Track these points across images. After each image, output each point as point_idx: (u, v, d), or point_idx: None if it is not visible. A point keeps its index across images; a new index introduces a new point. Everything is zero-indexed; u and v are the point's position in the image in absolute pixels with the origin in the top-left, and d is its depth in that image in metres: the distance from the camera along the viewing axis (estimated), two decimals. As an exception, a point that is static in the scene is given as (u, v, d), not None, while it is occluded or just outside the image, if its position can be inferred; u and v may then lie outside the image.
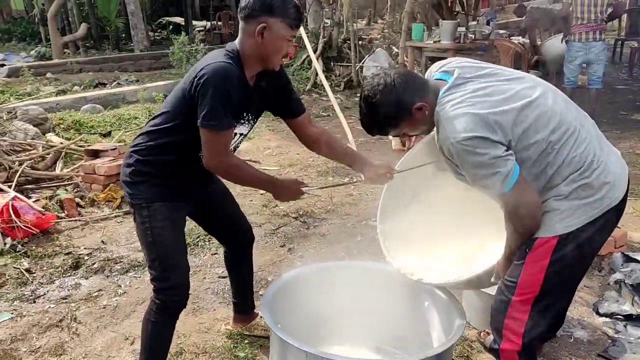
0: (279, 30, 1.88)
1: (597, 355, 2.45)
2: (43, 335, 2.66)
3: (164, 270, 2.03)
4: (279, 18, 1.87)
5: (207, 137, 1.88)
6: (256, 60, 1.95)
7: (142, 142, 2.04)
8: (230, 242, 2.46)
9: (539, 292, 1.78)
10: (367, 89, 1.81)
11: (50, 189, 4.46)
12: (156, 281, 2.05)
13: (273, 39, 1.89)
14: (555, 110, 1.72)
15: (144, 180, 2.03)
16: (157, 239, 2.01)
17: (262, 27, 1.87)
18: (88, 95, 7.75)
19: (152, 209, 2.01)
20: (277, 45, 1.91)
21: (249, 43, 1.92)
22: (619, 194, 1.75)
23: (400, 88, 1.76)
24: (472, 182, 1.74)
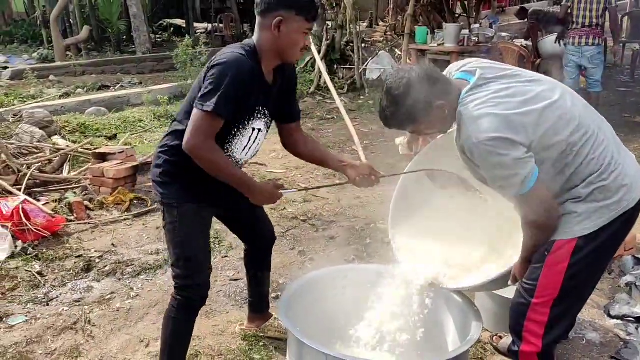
0: (295, 23, 1.90)
1: (610, 358, 2.48)
2: (58, 338, 2.67)
3: (189, 270, 2.08)
4: (294, 11, 1.89)
5: (195, 116, 1.86)
6: (274, 54, 1.97)
7: (168, 143, 2.07)
8: (253, 242, 2.49)
9: (558, 295, 1.80)
10: (390, 81, 1.82)
11: (59, 192, 4.47)
12: (180, 279, 2.10)
13: (289, 31, 1.90)
14: (574, 112, 1.74)
15: (174, 181, 2.06)
16: (185, 239, 2.06)
17: (278, 21, 1.89)
18: (93, 98, 7.78)
19: (183, 210, 2.05)
20: (293, 38, 1.93)
21: (266, 37, 1.94)
22: (636, 196, 1.77)
23: (423, 84, 1.77)
24: (491, 182, 1.76)
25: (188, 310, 2.14)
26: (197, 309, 2.17)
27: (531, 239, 1.81)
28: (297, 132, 2.28)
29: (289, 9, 1.88)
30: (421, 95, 1.77)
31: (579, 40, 6.07)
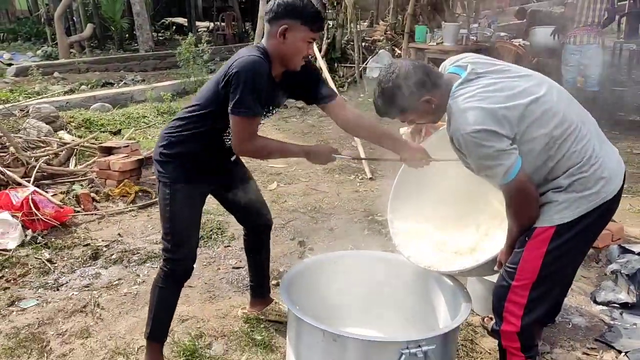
0: (300, 32, 2.05)
1: (594, 340, 2.60)
2: (68, 320, 2.80)
3: (175, 244, 2.24)
4: (299, 20, 2.04)
5: (236, 123, 2.04)
6: (279, 61, 2.12)
7: (175, 126, 2.23)
8: (250, 225, 2.63)
9: (537, 278, 1.91)
10: (382, 75, 1.96)
11: (65, 185, 4.60)
12: (167, 252, 2.26)
13: (294, 40, 2.06)
14: (559, 107, 1.85)
15: (171, 160, 2.21)
16: (174, 215, 2.21)
17: (283, 29, 2.04)
18: (97, 94, 7.90)
19: (174, 188, 2.20)
20: (297, 46, 2.08)
21: (272, 43, 2.09)
22: (614, 189, 1.88)
23: (412, 79, 1.90)
24: (477, 171, 1.88)
25: (173, 281, 2.30)
26: (181, 280, 2.32)
27: (514, 226, 1.93)
28: (343, 110, 2.31)
29: (294, 19, 2.04)
30: (409, 88, 1.90)
31: (580, 38, 6.11)
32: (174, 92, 8.05)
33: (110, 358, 2.50)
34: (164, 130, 2.29)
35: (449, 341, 2.08)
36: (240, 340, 2.60)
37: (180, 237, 2.25)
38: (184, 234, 2.26)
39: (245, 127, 2.06)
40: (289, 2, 2.03)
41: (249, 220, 2.61)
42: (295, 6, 2.03)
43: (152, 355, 2.34)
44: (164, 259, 2.29)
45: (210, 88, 2.16)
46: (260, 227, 2.63)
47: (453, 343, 2.17)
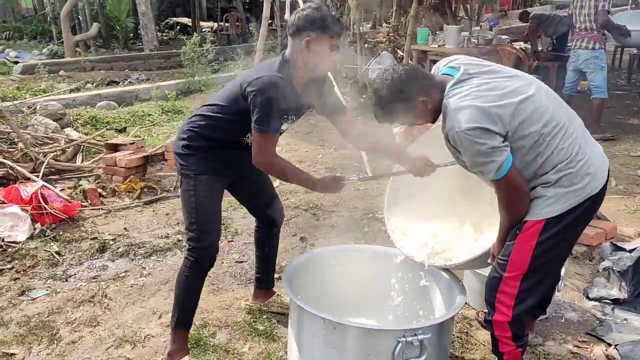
0: (322, 42, 2.18)
1: (586, 334, 2.68)
2: (77, 309, 2.90)
3: (201, 233, 2.34)
4: (319, 30, 2.17)
5: (257, 138, 2.20)
6: (305, 70, 2.25)
7: (197, 122, 2.35)
8: (263, 218, 2.73)
9: (527, 270, 2.01)
10: (376, 82, 2.06)
11: (72, 180, 4.70)
12: (192, 241, 2.36)
13: (318, 49, 2.19)
14: (548, 106, 1.94)
15: (194, 153, 2.34)
16: (199, 205, 2.32)
17: (307, 41, 2.18)
18: (103, 92, 8.01)
19: (199, 180, 2.32)
20: (321, 55, 2.21)
21: (297, 56, 2.23)
22: (599, 184, 1.98)
23: (405, 84, 1.99)
24: (471, 167, 1.97)
25: (198, 269, 2.39)
26: (207, 268, 2.42)
27: (506, 220, 2.02)
28: (350, 124, 2.50)
29: (315, 29, 2.17)
30: (403, 93, 2.00)
31: (574, 43, 6.14)
32: (179, 91, 8.15)
33: (118, 345, 2.59)
34: (184, 125, 2.40)
35: (444, 331, 2.17)
36: (243, 330, 2.70)
37: (206, 226, 2.35)
38: (209, 223, 2.37)
39: (264, 144, 2.21)
40: (308, 15, 2.18)
41: (262, 212, 2.72)
42: (315, 17, 2.17)
43: (178, 344, 2.42)
44: (189, 248, 2.38)
45: (233, 92, 2.28)
46: (272, 219, 2.73)
47: (448, 333, 2.26)
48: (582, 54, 6.06)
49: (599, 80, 6.08)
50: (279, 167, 2.29)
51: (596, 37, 5.95)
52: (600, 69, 6.05)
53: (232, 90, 2.30)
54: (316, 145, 6.14)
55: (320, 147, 6.06)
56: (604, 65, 6.08)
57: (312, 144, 6.22)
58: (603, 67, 6.07)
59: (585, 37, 5.99)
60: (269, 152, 2.24)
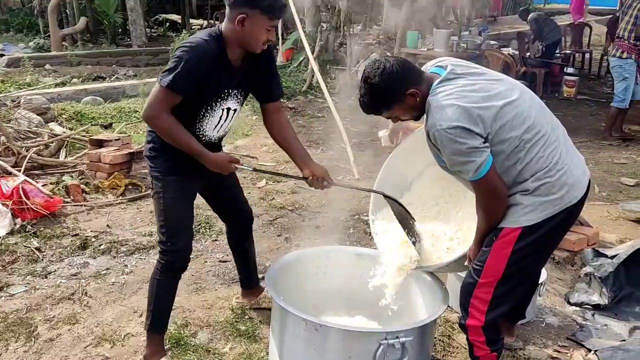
0: (257, 21, 2.08)
1: (566, 339, 2.70)
2: (56, 307, 2.85)
3: (171, 236, 2.29)
4: (258, 9, 2.06)
5: (154, 90, 2.11)
6: (237, 44, 2.16)
7: None
8: (232, 221, 2.70)
9: (501, 277, 2.01)
10: (367, 71, 2.02)
11: (55, 175, 4.64)
12: (163, 244, 2.32)
13: (252, 28, 2.09)
14: (530, 112, 1.95)
15: (159, 155, 2.28)
16: (167, 207, 2.27)
17: (242, 18, 2.07)
18: (89, 87, 7.92)
19: (166, 181, 2.27)
20: (255, 34, 2.11)
21: (230, 28, 2.13)
22: (578, 195, 1.98)
23: (396, 73, 1.97)
24: (450, 166, 1.97)
25: (170, 272, 2.35)
26: (178, 271, 2.38)
27: (483, 222, 2.03)
28: (275, 114, 2.45)
29: (253, 7, 2.06)
30: (395, 83, 1.97)
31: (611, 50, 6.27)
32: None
33: (97, 344, 2.56)
34: (149, 127, 2.33)
35: (425, 334, 2.17)
36: (225, 330, 2.67)
37: (175, 229, 2.30)
38: (178, 225, 2.31)
39: (160, 97, 2.08)
40: None
41: (232, 218, 2.69)
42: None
43: (153, 347, 2.39)
44: (161, 251, 2.34)
45: None
46: (242, 222, 2.70)
47: (430, 336, 2.26)
48: (611, 61, 6.19)
49: (620, 89, 6.15)
50: (165, 124, 2.11)
51: (626, 46, 5.99)
52: (623, 78, 6.10)
53: None
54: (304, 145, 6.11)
55: (307, 148, 6.03)
56: (627, 76, 6.09)
57: (301, 144, 6.19)
58: (626, 78, 6.09)
59: (617, 44, 6.12)
60: (158, 107, 2.08)
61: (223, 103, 2.25)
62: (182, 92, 2.09)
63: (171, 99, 2.09)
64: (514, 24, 16.12)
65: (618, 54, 6.06)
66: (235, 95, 2.29)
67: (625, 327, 2.76)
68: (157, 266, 2.36)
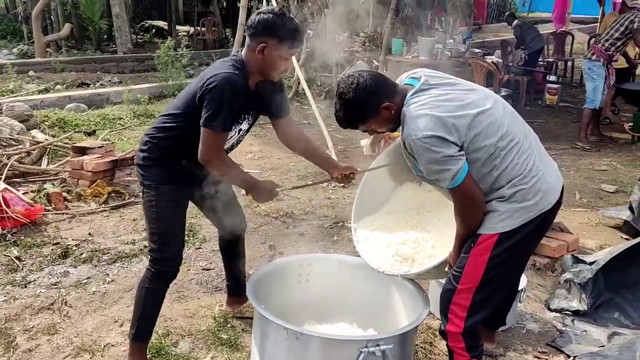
0: (277, 50, 2.15)
1: (546, 345, 2.73)
2: (36, 317, 2.82)
3: (162, 244, 2.30)
4: (277, 39, 2.13)
5: (206, 135, 2.14)
6: (257, 72, 2.23)
7: (156, 132, 2.31)
8: (226, 229, 2.70)
9: (480, 283, 2.04)
10: (342, 87, 2.05)
11: (37, 183, 4.59)
12: (154, 252, 2.32)
13: (272, 56, 2.16)
14: (503, 121, 1.98)
15: (154, 164, 2.29)
16: (160, 216, 2.28)
17: (262, 47, 2.14)
18: (72, 94, 7.85)
19: (160, 190, 2.28)
20: (275, 63, 2.18)
21: (251, 57, 2.19)
22: (552, 201, 2.02)
23: (370, 88, 2.00)
24: (427, 175, 2.00)
25: (160, 281, 2.36)
26: (168, 280, 2.39)
27: (461, 229, 2.05)
28: (290, 127, 2.54)
29: (272, 37, 2.13)
30: (369, 98, 2.01)
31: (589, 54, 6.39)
32: (151, 95, 8.05)
33: (76, 354, 2.53)
34: (144, 135, 2.36)
35: (406, 341, 2.18)
36: (206, 339, 2.66)
37: (166, 237, 2.31)
38: (170, 234, 2.32)
39: (214, 141, 2.16)
40: (268, 20, 2.12)
41: (225, 224, 2.68)
42: (275, 25, 2.12)
43: (135, 356, 2.38)
44: (151, 259, 2.34)
45: (188, 97, 2.24)
46: (235, 230, 2.71)
47: (411, 343, 2.27)
48: (583, 63, 6.40)
49: (589, 89, 6.34)
50: (224, 166, 2.23)
51: (597, 49, 6.18)
52: (591, 79, 6.30)
53: (188, 94, 2.25)
54: (289, 153, 6.10)
55: (293, 155, 6.02)
56: (595, 77, 6.27)
57: (286, 151, 6.18)
58: (594, 79, 6.28)
59: (591, 47, 6.35)
60: (216, 150, 2.18)
61: (238, 125, 2.31)
62: (229, 128, 2.20)
63: (224, 139, 2.21)
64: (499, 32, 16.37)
65: (589, 56, 6.30)
66: (248, 118, 2.36)
67: (604, 332, 2.80)
68: (147, 274, 2.36)
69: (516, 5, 19.47)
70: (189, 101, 2.21)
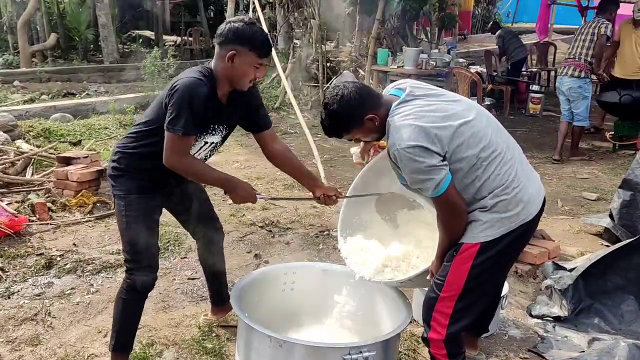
0: (247, 58, 2.15)
1: (528, 350, 2.77)
2: (19, 328, 2.80)
3: (135, 254, 2.30)
4: (247, 47, 2.14)
5: (169, 139, 2.14)
6: (226, 81, 2.22)
7: (126, 143, 2.32)
8: (202, 237, 2.71)
9: (462, 291, 2.07)
10: (327, 98, 2.10)
11: (21, 194, 4.56)
12: (128, 262, 2.34)
13: (241, 64, 2.16)
14: (487, 132, 2.03)
15: (123, 174, 2.30)
16: (130, 226, 2.28)
17: (232, 54, 2.14)
18: (58, 104, 7.83)
19: (129, 200, 2.28)
20: (244, 71, 2.18)
21: (221, 66, 2.19)
22: (533, 212, 2.06)
23: (354, 101, 2.05)
24: (411, 184, 2.03)
25: (136, 291, 2.35)
26: (145, 291, 2.37)
27: (444, 238, 2.09)
28: (272, 142, 2.52)
29: (242, 45, 2.13)
30: (353, 110, 2.05)
31: (561, 69, 6.23)
32: (137, 105, 8.03)
33: (60, 365, 2.52)
34: (116, 147, 2.37)
35: (389, 348, 2.21)
36: (191, 349, 2.66)
37: (138, 248, 2.30)
38: (141, 244, 2.31)
39: (176, 144, 2.13)
40: (238, 28, 2.13)
41: (201, 233, 2.70)
42: (245, 33, 2.12)
43: None
44: (126, 270, 2.35)
45: (156, 105, 2.26)
46: (213, 238, 2.71)
47: (394, 350, 2.29)
48: (566, 82, 6.11)
49: (582, 108, 6.14)
50: (191, 167, 2.20)
51: (583, 66, 5.99)
52: (583, 97, 6.11)
53: (157, 102, 2.26)
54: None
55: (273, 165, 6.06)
56: (587, 95, 6.13)
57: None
58: (586, 97, 6.13)
59: (573, 64, 6.06)
60: (180, 153, 2.15)
61: (206, 137, 2.30)
62: (195, 133, 2.17)
63: (188, 143, 2.17)
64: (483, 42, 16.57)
65: (576, 74, 6.04)
66: (220, 130, 2.35)
67: (584, 338, 2.84)
68: (123, 285, 2.36)
69: (500, 15, 19.74)
70: (158, 109, 2.22)
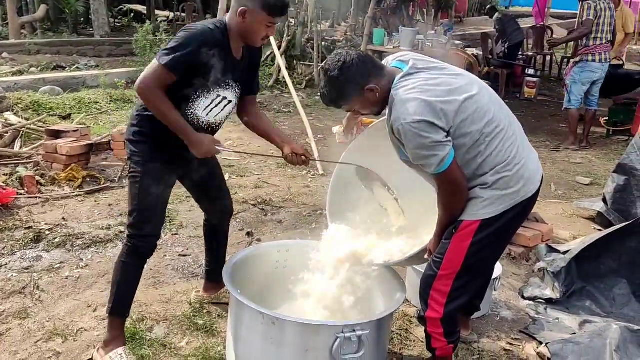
0: (258, 16, 2.13)
1: (519, 332, 2.77)
2: (7, 301, 2.76)
3: (140, 221, 2.28)
4: (259, 5, 2.11)
5: (152, 65, 2.11)
6: (238, 36, 2.21)
7: (143, 105, 2.24)
8: (212, 211, 2.68)
9: (461, 269, 2.06)
10: (328, 63, 2.04)
11: (9, 167, 4.48)
12: (131, 228, 2.31)
13: (252, 22, 2.14)
14: (490, 107, 1.99)
15: (144, 140, 2.26)
16: (142, 193, 2.25)
17: (243, 10, 2.13)
18: (47, 77, 7.69)
19: (147, 167, 2.25)
20: (255, 28, 2.17)
21: (234, 20, 2.18)
22: (532, 189, 2.04)
23: (356, 68, 1.98)
24: (414, 160, 1.99)
25: (136, 256, 2.34)
26: (145, 256, 2.37)
27: (443, 215, 2.06)
28: (251, 104, 2.51)
29: (254, 2, 2.11)
30: (354, 77, 1.99)
31: (605, 56, 5.91)
32: (129, 80, 7.90)
33: (48, 339, 2.48)
34: (135, 111, 2.31)
35: (382, 327, 2.19)
36: (182, 325, 2.64)
37: (146, 215, 2.29)
38: (150, 212, 2.30)
39: (154, 72, 2.08)
40: None
41: (212, 207, 2.67)
42: None
43: (114, 333, 2.35)
44: (129, 234, 2.33)
45: None
46: (222, 214, 2.69)
47: (387, 329, 2.28)
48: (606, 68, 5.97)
49: (596, 91, 6.13)
50: (157, 98, 2.10)
51: (607, 47, 5.95)
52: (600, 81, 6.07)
53: None
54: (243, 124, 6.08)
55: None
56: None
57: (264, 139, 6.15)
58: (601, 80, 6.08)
59: (608, 49, 5.96)
60: (153, 81, 2.08)
61: (220, 91, 2.26)
62: (177, 73, 2.10)
63: (165, 78, 2.09)
64: (480, 25, 16.47)
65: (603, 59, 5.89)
66: (233, 87, 2.31)
67: (576, 320, 2.85)
68: (124, 249, 2.35)
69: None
70: None
